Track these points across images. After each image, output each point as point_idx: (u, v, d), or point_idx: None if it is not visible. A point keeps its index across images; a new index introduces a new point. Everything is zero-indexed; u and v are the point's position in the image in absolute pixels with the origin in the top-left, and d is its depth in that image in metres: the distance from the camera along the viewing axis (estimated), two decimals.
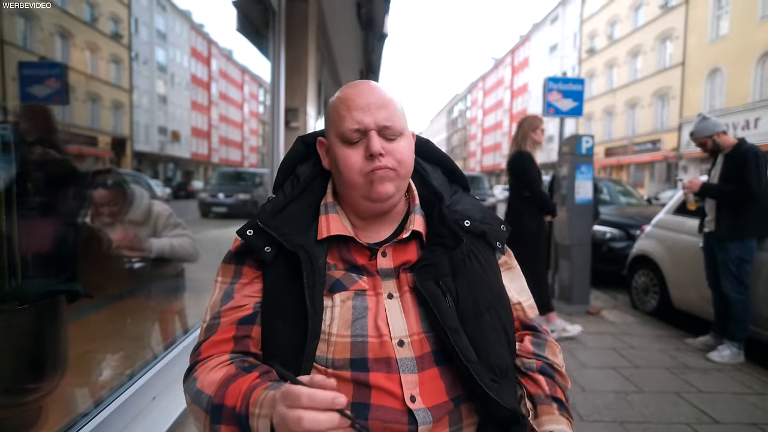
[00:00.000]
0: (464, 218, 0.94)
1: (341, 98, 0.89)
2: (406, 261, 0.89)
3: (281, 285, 0.85)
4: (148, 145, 4.31)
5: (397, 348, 0.82)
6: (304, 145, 0.99)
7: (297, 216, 0.90)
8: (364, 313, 0.84)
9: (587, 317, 4.66)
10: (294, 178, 0.97)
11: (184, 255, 2.32)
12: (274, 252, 0.86)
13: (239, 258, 0.91)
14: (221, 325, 0.85)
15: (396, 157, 0.86)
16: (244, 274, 0.89)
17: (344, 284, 0.86)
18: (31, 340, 0.99)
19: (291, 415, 0.61)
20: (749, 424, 2.54)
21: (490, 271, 0.94)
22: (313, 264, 0.84)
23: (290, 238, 0.86)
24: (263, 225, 0.87)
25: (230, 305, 0.86)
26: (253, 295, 0.87)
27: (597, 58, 31.86)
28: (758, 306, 3.46)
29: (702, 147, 3.73)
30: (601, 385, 3.03)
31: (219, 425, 0.73)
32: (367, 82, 0.91)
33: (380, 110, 0.86)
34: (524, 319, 0.99)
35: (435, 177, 1.00)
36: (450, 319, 0.83)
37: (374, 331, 0.83)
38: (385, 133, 0.87)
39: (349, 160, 0.86)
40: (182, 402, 1.38)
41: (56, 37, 1.64)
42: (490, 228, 0.96)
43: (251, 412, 0.70)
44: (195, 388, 0.78)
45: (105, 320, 1.72)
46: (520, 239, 3.61)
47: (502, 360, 0.88)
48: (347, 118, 0.86)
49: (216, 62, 6.68)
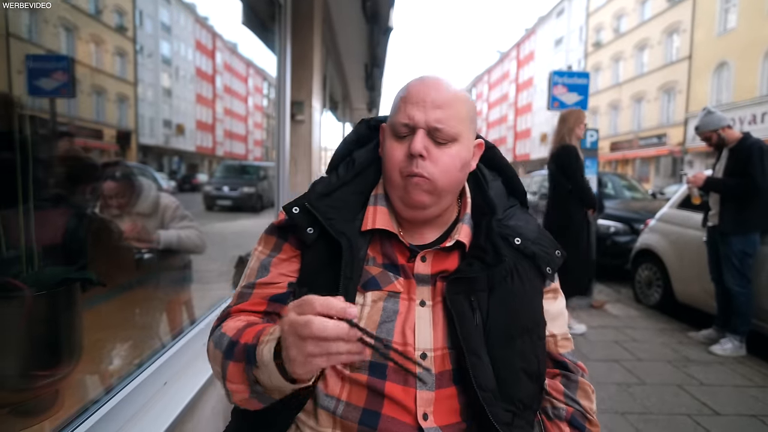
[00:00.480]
0: (516, 235, 0.89)
1: (404, 88, 0.85)
2: (445, 270, 0.85)
3: (319, 268, 0.84)
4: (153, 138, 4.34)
5: (419, 360, 0.80)
6: (367, 128, 0.97)
7: (345, 202, 0.88)
8: (393, 317, 0.81)
9: (591, 311, 4.68)
10: (350, 160, 0.94)
11: (191, 246, 2.35)
12: (317, 234, 0.84)
13: (282, 232, 0.90)
14: (253, 296, 0.86)
15: (439, 165, 0.81)
16: (284, 250, 0.88)
17: (379, 283, 0.83)
18: (48, 326, 1.02)
19: (300, 319, 0.60)
20: (749, 416, 2.56)
21: (533, 295, 0.89)
22: (354, 255, 0.82)
23: (335, 224, 0.84)
24: (310, 206, 0.85)
25: (265, 280, 0.87)
26: (289, 274, 0.87)
27: (603, 51, 31.61)
28: (761, 299, 3.47)
29: (707, 141, 3.72)
30: (604, 378, 3.06)
31: (229, 361, 0.74)
32: (437, 78, 0.85)
33: (436, 109, 0.81)
34: (555, 355, 0.93)
35: (494, 186, 0.95)
36: (472, 338, 0.80)
37: (400, 338, 0.80)
38: (435, 135, 0.81)
39: (392, 153, 0.83)
40: (193, 388, 1.42)
41: (61, 30, 1.64)
42: (543, 251, 0.91)
43: (260, 341, 0.70)
44: (219, 333, 0.80)
45: (116, 309, 1.76)
46: (566, 232, 3.68)
47: (526, 392, 0.83)
48: (401, 110, 0.83)
49: (220, 55, 6.69)
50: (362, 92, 9.78)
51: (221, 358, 0.76)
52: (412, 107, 0.81)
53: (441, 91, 0.82)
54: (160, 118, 4.60)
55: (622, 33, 29.40)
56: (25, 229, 1.05)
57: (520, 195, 0.98)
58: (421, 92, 0.82)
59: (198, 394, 1.43)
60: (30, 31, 1.36)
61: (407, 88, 0.84)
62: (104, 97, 2.24)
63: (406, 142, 0.82)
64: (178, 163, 5.76)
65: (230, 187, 5.90)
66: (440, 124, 0.80)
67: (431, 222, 0.89)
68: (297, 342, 0.61)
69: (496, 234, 0.86)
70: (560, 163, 3.86)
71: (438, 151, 0.81)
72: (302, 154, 4.14)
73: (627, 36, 28.70)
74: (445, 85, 0.84)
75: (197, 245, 2.37)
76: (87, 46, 1.92)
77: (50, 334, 1.03)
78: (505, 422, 0.78)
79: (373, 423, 0.76)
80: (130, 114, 2.79)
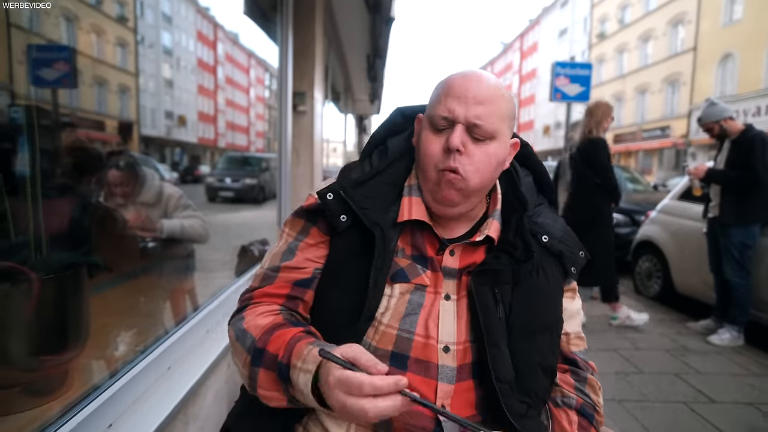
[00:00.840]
0: (544, 233, 0.90)
1: (446, 81, 0.85)
2: (472, 263, 0.86)
3: (349, 256, 0.85)
4: (155, 129, 4.34)
5: (441, 354, 0.81)
6: (401, 117, 0.97)
7: (379, 192, 0.88)
8: (417, 309, 0.82)
9: (591, 302, 4.70)
10: (384, 149, 0.95)
11: (194, 236, 2.38)
12: (349, 223, 0.85)
13: (311, 216, 0.90)
14: (278, 279, 0.87)
15: (474, 162, 0.81)
16: (311, 235, 0.89)
17: (407, 275, 0.84)
18: (56, 309, 1.05)
19: (355, 406, 0.62)
20: (745, 404, 2.59)
21: (556, 292, 0.91)
22: (386, 246, 0.83)
23: (369, 215, 0.84)
24: (345, 194, 0.85)
25: (291, 264, 0.87)
26: (315, 260, 0.88)
27: (607, 43, 31.37)
28: (760, 291, 3.49)
29: (709, 132, 3.72)
30: (602, 367, 3.09)
31: (259, 368, 0.76)
32: (479, 73, 0.84)
33: (477, 105, 0.80)
34: (567, 353, 0.95)
35: (525, 183, 0.95)
36: (494, 331, 0.81)
37: (422, 330, 0.81)
38: (474, 132, 0.81)
39: (429, 146, 0.83)
40: (196, 372, 1.45)
41: (61, 20, 1.63)
42: (569, 250, 0.92)
43: (293, 364, 0.72)
44: (241, 327, 0.81)
45: (121, 296, 1.79)
46: (593, 224, 3.69)
47: (541, 386, 0.85)
48: (441, 103, 0.82)
49: (222, 46, 6.67)
50: (364, 83, 9.75)
51: (248, 362, 0.78)
52: (453, 101, 0.81)
53: (483, 87, 0.81)
54: (162, 109, 4.59)
55: (626, 24, 29.15)
56: (33, 216, 1.08)
57: (549, 193, 0.99)
58: (463, 86, 0.81)
59: (201, 379, 1.46)
60: (31, 22, 1.35)
61: (449, 81, 0.84)
62: (106, 88, 2.24)
63: (444, 136, 0.82)
64: (180, 155, 5.77)
65: (232, 179, 5.90)
66: (480, 120, 0.80)
67: (464, 215, 0.89)
68: (345, 398, 0.64)
69: (528, 231, 0.87)
70: (587, 156, 3.83)
71: (475, 148, 0.81)
72: (304, 145, 4.15)
73: (631, 27, 28.45)
74: (487, 80, 0.83)
75: (200, 234, 2.40)
76: (88, 36, 1.91)
77: (58, 316, 1.06)
78: (519, 414, 0.79)
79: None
80: (132, 105, 2.79)
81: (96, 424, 1.04)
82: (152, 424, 1.14)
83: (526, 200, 0.91)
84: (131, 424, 1.13)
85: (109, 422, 1.08)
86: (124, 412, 1.14)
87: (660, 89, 25.70)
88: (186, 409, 1.38)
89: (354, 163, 0.96)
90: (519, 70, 49.93)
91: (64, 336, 1.08)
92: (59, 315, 1.06)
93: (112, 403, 1.10)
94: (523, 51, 48.94)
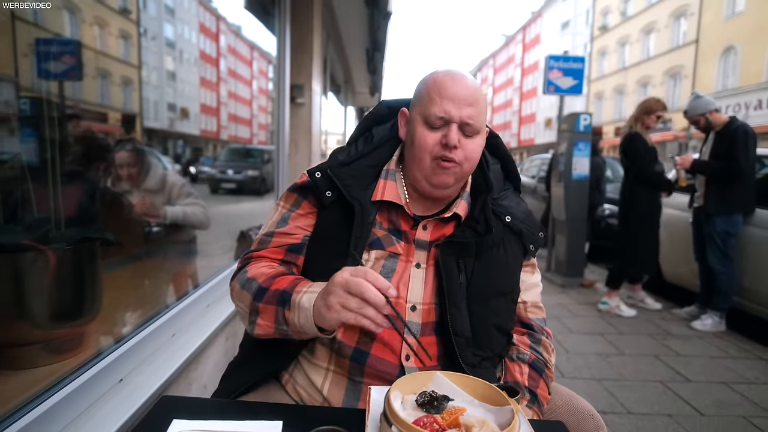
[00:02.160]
0: (507, 213, 1.03)
1: (436, 81, 0.95)
2: (442, 236, 0.99)
3: (333, 226, 0.98)
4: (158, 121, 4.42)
5: (409, 311, 0.94)
6: (386, 109, 1.10)
7: (362, 173, 1.02)
8: (390, 274, 0.95)
9: (581, 289, 4.85)
10: (369, 135, 1.09)
11: (196, 222, 2.51)
12: (334, 197, 0.98)
13: (302, 191, 1.04)
14: (272, 243, 1.01)
15: (466, 153, 0.94)
16: (302, 207, 1.03)
17: (383, 244, 0.97)
18: (74, 276, 1.19)
19: (355, 279, 0.76)
20: (719, 383, 2.73)
21: (514, 266, 1.04)
22: (364, 219, 0.96)
23: (351, 191, 0.97)
24: (331, 173, 0.99)
25: (283, 230, 1.01)
26: (305, 228, 1.01)
27: (609, 35, 31.23)
28: (742, 278, 3.62)
29: (695, 125, 3.84)
30: (585, 348, 3.23)
31: (259, 303, 0.89)
32: (464, 75, 0.96)
33: (468, 107, 0.92)
34: (524, 318, 1.07)
35: (493, 169, 1.09)
36: (455, 294, 0.94)
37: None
38: (465, 129, 0.93)
39: (425, 141, 0.94)
40: (198, 340, 1.60)
41: (64, 12, 1.67)
42: (528, 231, 1.05)
43: (297, 290, 0.86)
44: (246, 276, 0.95)
45: (129, 275, 1.94)
46: (633, 215, 3.97)
47: (495, 343, 0.99)
48: (436, 104, 0.93)
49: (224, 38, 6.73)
50: (364, 76, 9.84)
51: (250, 300, 0.91)
52: (448, 103, 0.92)
53: (472, 90, 0.94)
54: (165, 101, 4.65)
55: (629, 16, 29.01)
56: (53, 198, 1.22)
57: (515, 180, 1.14)
58: (455, 89, 0.93)
59: (202, 346, 1.61)
60: (35, 14, 1.39)
61: (440, 83, 0.95)
62: (109, 80, 2.28)
63: (439, 133, 0.94)
64: (183, 147, 5.87)
65: (234, 171, 6.00)
66: (471, 120, 0.93)
67: (445, 197, 1.02)
68: (342, 294, 0.76)
69: (490, 209, 1.01)
70: (623, 149, 4.09)
71: (466, 141, 0.94)
72: (302, 137, 4.28)
73: (634, 19, 28.33)
74: (474, 84, 0.96)
75: (201, 221, 2.54)
76: (91, 29, 1.97)
77: (75, 284, 1.20)
78: (472, 364, 0.93)
79: (362, 359, 0.92)
80: (135, 97, 2.82)
81: (109, 377, 1.18)
82: (158, 380, 1.29)
83: (492, 184, 1.05)
84: (140, 380, 1.27)
85: (119, 377, 1.23)
86: (133, 369, 1.29)
87: (661, 82, 25.63)
88: (188, 373, 1.53)
89: (342, 147, 1.10)
90: (521, 62, 49.73)
91: (80, 301, 1.22)
92: (76, 282, 1.20)
93: (123, 360, 1.25)
94: (526, 43, 48.72)
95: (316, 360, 0.97)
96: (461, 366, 0.92)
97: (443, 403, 0.75)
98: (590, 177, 4.89)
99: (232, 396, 0.96)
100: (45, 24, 1.48)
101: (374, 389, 0.83)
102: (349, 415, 0.80)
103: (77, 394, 1.07)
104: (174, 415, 0.75)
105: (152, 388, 1.24)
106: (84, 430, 1.05)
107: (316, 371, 0.97)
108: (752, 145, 3.50)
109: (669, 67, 24.88)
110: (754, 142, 3.53)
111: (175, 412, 0.76)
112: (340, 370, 0.95)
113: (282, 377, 1.02)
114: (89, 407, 1.10)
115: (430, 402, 0.75)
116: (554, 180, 5.23)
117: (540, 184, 7.69)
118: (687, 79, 23.43)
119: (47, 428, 0.98)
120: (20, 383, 1.08)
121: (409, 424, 0.66)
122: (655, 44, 26.47)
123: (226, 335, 1.96)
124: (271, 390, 1.00)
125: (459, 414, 0.72)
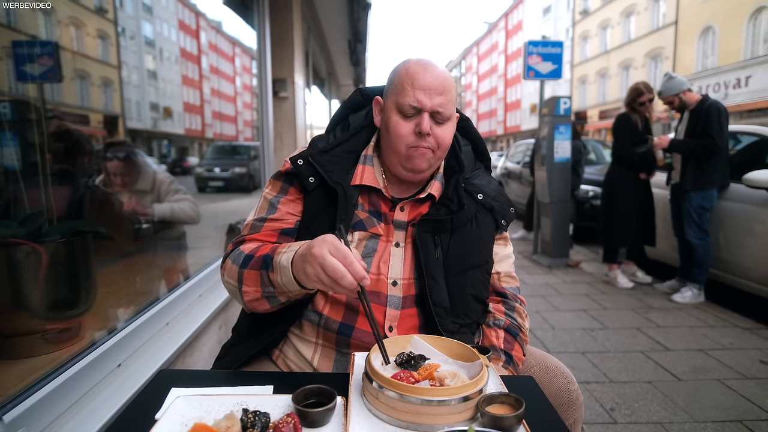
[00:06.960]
0: (479, 191, 1.10)
1: (408, 72, 1.00)
2: (418, 215, 1.06)
3: (318, 210, 1.04)
4: (141, 122, 4.39)
5: (390, 287, 1.01)
6: (361, 96, 1.16)
7: (341, 158, 1.07)
8: (372, 253, 1.02)
9: (567, 269, 4.96)
10: (346, 123, 1.15)
11: (184, 218, 2.55)
12: (317, 183, 1.03)
13: (288, 178, 1.08)
14: (264, 227, 1.05)
15: (438, 139, 1.00)
16: (290, 193, 1.07)
17: (365, 225, 1.04)
18: (68, 268, 1.24)
19: (332, 262, 0.76)
20: (696, 350, 2.85)
21: (486, 239, 1.11)
22: (348, 201, 1.02)
23: (332, 176, 1.03)
24: (312, 160, 1.04)
25: (275, 216, 1.05)
26: (296, 213, 1.06)
27: (590, 19, 31.37)
28: (718, 251, 3.75)
29: (670, 105, 3.94)
30: (570, 324, 3.34)
31: (244, 269, 0.94)
32: (435, 66, 1.01)
33: (439, 96, 0.98)
34: (498, 287, 1.15)
35: (465, 151, 1.15)
36: (432, 268, 1.01)
37: (375, 269, 1.01)
38: (436, 117, 0.99)
39: (399, 129, 0.99)
40: (191, 328, 1.65)
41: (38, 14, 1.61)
42: (500, 206, 1.13)
43: (277, 252, 0.90)
44: (237, 252, 0.99)
45: (121, 270, 1.98)
46: (616, 193, 4.21)
47: (472, 311, 1.06)
48: (409, 94, 0.98)
49: (205, 35, 6.68)
50: (348, 68, 9.85)
51: (237, 270, 0.96)
52: (420, 93, 0.97)
53: (443, 80, 0.99)
54: (147, 101, 4.61)
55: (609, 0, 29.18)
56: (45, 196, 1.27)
57: (486, 160, 1.21)
58: (427, 79, 0.98)
59: (196, 333, 1.66)
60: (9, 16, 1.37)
61: (412, 72, 0.99)
62: (88, 81, 2.25)
63: (412, 121, 0.99)
64: (168, 147, 5.85)
65: (221, 168, 5.99)
66: (441, 108, 0.99)
67: (420, 180, 1.08)
68: (318, 269, 0.78)
69: (462, 188, 1.07)
70: (612, 130, 4.37)
71: (438, 129, 1.00)
72: (287, 130, 4.31)
73: (614, 2, 28.47)
74: (445, 74, 1.01)
75: (191, 216, 2.57)
76: (67, 29, 1.93)
77: (70, 275, 1.25)
78: (450, 331, 1.01)
79: (348, 333, 0.99)
80: (116, 98, 2.79)
81: (107, 362, 1.24)
82: (155, 365, 1.35)
83: (463, 164, 1.11)
84: (137, 365, 1.33)
85: (118, 362, 1.28)
86: (130, 355, 1.35)
87: (643, 64, 25.86)
88: (184, 359, 1.59)
89: (321, 135, 1.16)
90: (505, 49, 49.80)
91: (75, 292, 1.27)
92: (71, 274, 1.25)
93: (120, 346, 1.31)
94: (508, 30, 48.77)
95: (305, 335, 1.03)
96: (441, 334, 0.98)
97: (420, 362, 0.83)
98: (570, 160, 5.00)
99: None
100: (19, 26, 1.45)
101: (358, 355, 0.90)
102: (334, 379, 0.87)
103: (76, 378, 1.12)
104: (172, 384, 0.81)
105: (150, 372, 1.30)
106: (86, 410, 1.10)
107: (306, 345, 1.03)
108: (725, 122, 3.62)
109: (650, 49, 25.11)
110: (726, 118, 3.64)
111: (172, 382, 0.82)
112: (328, 344, 1.02)
113: (273, 354, 1.08)
114: (89, 390, 1.16)
115: (408, 361, 0.82)
116: (537, 164, 5.33)
117: (525, 169, 7.80)
118: (668, 60, 23.66)
119: (49, 410, 1.03)
120: (20, 371, 1.13)
121: (387, 378, 0.73)
122: (635, 27, 26.66)
123: (219, 323, 2.01)
124: (263, 365, 1.07)
125: (433, 370, 0.80)
